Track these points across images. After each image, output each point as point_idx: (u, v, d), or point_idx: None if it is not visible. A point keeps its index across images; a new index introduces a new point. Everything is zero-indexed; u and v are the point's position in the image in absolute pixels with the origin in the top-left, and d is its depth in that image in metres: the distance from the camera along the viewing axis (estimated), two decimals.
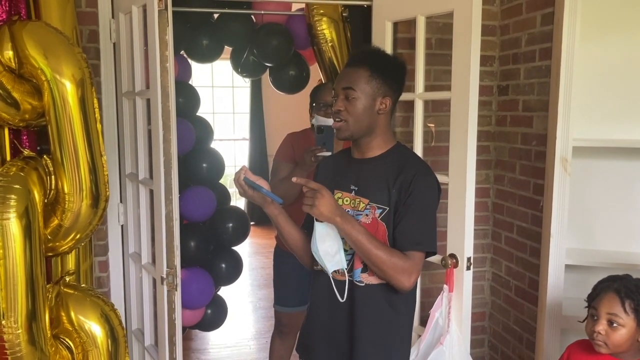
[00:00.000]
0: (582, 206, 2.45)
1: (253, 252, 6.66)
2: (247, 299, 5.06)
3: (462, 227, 2.17)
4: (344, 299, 1.68)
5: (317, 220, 1.62)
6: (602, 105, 2.41)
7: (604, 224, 2.49)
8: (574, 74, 2.22)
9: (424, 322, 2.33)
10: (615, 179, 2.47)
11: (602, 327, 1.62)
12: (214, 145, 3.61)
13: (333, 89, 1.72)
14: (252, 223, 7.63)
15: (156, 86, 2.11)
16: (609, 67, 2.40)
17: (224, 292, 3.90)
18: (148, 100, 2.28)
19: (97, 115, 1.95)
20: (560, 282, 2.31)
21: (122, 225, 2.64)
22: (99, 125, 1.96)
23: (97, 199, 1.94)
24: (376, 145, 1.72)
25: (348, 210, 1.70)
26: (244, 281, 5.44)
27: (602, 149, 2.40)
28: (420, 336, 2.26)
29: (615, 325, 1.60)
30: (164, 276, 2.17)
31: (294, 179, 1.59)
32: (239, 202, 7.88)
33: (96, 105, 1.94)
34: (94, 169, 1.92)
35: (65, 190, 1.88)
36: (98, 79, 2.48)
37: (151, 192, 2.34)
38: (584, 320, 1.72)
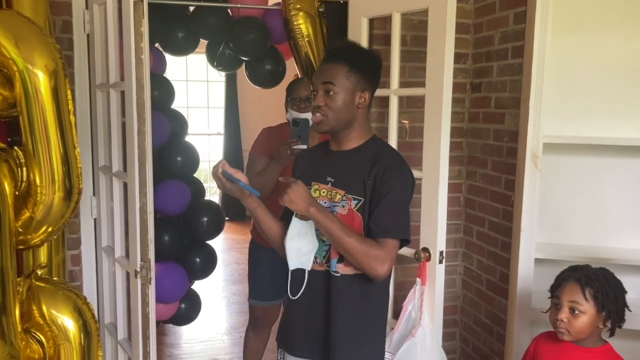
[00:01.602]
0: (552, 201, 2.51)
1: (227, 247, 6.64)
2: (221, 294, 5.05)
3: (435, 222, 2.20)
4: (297, 297, 1.75)
5: (296, 216, 1.65)
6: (573, 103, 2.47)
7: (573, 218, 2.55)
8: (545, 71, 2.27)
9: (396, 314, 2.36)
10: (585, 175, 2.53)
11: (564, 315, 1.67)
12: (188, 139, 3.59)
13: (312, 83, 1.74)
14: (226, 219, 7.63)
15: (131, 78, 2.09)
16: (580, 65, 2.46)
17: (197, 287, 3.88)
18: (122, 93, 2.26)
19: (71, 106, 1.92)
20: (530, 275, 2.36)
21: (95, 219, 2.62)
22: (72, 117, 1.93)
23: (70, 191, 1.92)
24: (353, 137, 1.75)
25: (325, 202, 1.73)
26: (218, 276, 5.42)
27: (572, 146, 2.45)
28: (393, 329, 2.29)
29: (576, 312, 1.66)
30: (138, 269, 2.15)
31: (280, 179, 1.63)
32: (213, 197, 7.84)
33: (69, 96, 1.91)
34: (66, 161, 1.90)
35: (37, 182, 1.85)
36: (71, 71, 2.45)
37: (125, 184, 2.32)
38: (547, 311, 1.77)
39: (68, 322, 1.96)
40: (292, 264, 1.70)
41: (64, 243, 2.35)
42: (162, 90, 3.29)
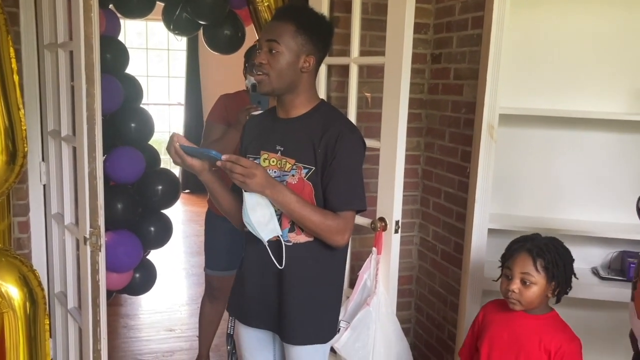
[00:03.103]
0: (507, 173, 2.55)
1: (187, 219, 6.59)
2: (180, 266, 5.01)
3: (392, 192, 2.20)
4: (283, 266, 1.69)
5: (245, 191, 1.60)
6: (530, 75, 2.49)
7: (527, 190, 2.60)
8: (503, 43, 2.27)
9: (352, 284, 2.37)
10: (539, 148, 2.57)
11: (516, 286, 1.69)
12: (146, 109, 3.49)
13: (258, 41, 1.69)
14: (186, 191, 7.54)
15: (79, 37, 2.00)
16: (538, 37, 2.48)
17: (156, 259, 3.83)
18: (71, 53, 2.17)
19: (14, 65, 1.83)
20: (483, 245, 2.40)
21: (44, 185, 2.53)
22: (15, 77, 1.84)
23: (14, 155, 1.84)
24: (299, 103, 1.71)
25: (275, 171, 1.69)
26: (177, 248, 5.38)
27: (528, 118, 2.48)
28: (348, 297, 2.30)
29: (528, 283, 1.68)
30: (87, 236, 2.09)
31: (224, 157, 1.53)
32: (175, 170, 7.72)
33: (12, 54, 1.82)
34: (10, 123, 1.81)
35: None
36: (17, 29, 2.34)
37: (74, 149, 2.24)
38: (497, 279, 1.79)
39: (12, 290, 1.89)
40: (265, 236, 1.66)
41: (10, 209, 2.26)
42: (116, 53, 3.18)
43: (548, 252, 1.67)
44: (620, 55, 2.47)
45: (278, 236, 1.69)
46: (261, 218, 1.63)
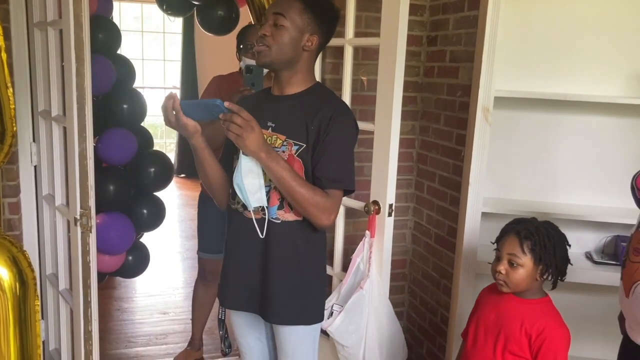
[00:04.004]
0: (502, 156, 2.53)
1: (182, 204, 6.58)
2: (174, 250, 5.01)
3: (385, 175, 2.19)
4: (264, 235, 1.67)
5: (242, 153, 1.58)
6: (526, 58, 2.46)
7: (521, 173, 2.59)
8: (499, 24, 2.24)
9: (346, 267, 2.36)
10: (535, 131, 2.55)
11: (503, 267, 1.69)
12: (139, 90, 3.45)
13: (263, 15, 1.67)
14: (182, 175, 7.52)
15: (68, 15, 1.97)
16: (534, 19, 2.45)
17: (152, 243, 3.82)
18: (61, 31, 2.14)
19: (2, 43, 1.80)
20: (477, 229, 2.39)
21: (35, 166, 2.51)
22: (3, 55, 1.81)
23: (3, 134, 1.81)
24: (296, 81, 1.70)
25: None
26: (172, 232, 5.38)
27: (524, 101, 2.46)
28: (341, 281, 2.30)
29: (514, 265, 1.67)
30: (78, 217, 2.07)
31: (226, 104, 1.49)
32: (170, 154, 7.69)
33: (0, 32, 1.79)
34: None
35: None
36: (5, 7, 2.31)
37: (65, 129, 2.21)
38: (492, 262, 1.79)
39: (2, 271, 1.87)
40: (252, 203, 1.63)
41: (0, 190, 2.24)
42: (107, 33, 3.13)
43: (537, 234, 1.66)
44: (617, 39, 2.44)
45: (262, 214, 1.66)
46: (250, 186, 1.61)
